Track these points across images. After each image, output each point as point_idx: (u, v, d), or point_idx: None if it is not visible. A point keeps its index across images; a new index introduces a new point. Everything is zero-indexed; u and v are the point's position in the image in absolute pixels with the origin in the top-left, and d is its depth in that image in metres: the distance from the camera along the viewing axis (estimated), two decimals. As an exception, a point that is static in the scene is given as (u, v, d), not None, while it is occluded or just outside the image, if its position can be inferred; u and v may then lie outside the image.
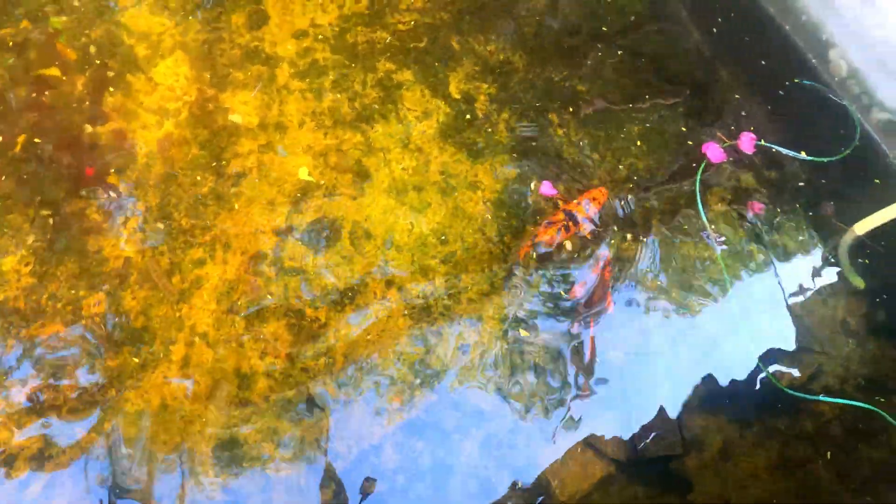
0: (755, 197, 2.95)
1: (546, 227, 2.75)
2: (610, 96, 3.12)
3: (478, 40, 3.17)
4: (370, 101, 2.93)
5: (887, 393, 2.65)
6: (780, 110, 3.13)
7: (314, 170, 2.76)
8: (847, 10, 2.91)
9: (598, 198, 2.82)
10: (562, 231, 2.74)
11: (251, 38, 2.98)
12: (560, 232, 2.74)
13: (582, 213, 2.79)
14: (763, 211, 2.92)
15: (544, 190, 2.87)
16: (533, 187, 2.87)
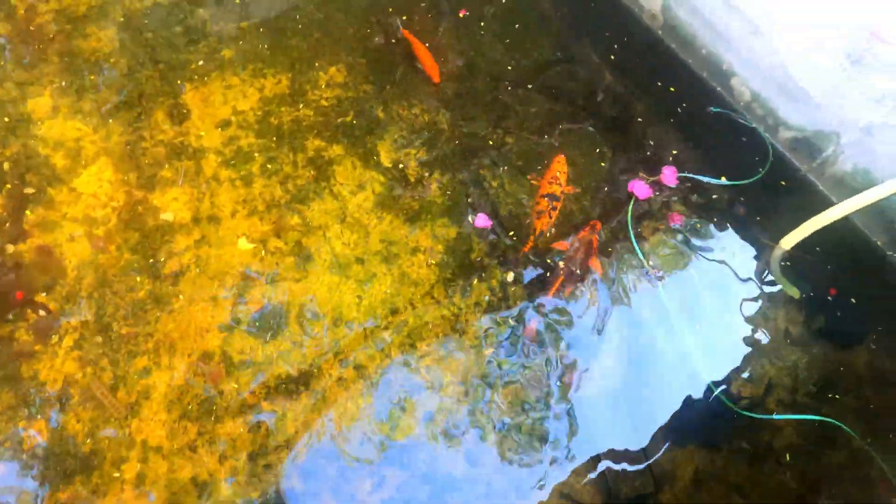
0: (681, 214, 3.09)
1: (539, 218, 2.91)
2: (534, 142, 3.23)
3: (402, 106, 3.23)
4: (303, 182, 2.94)
5: (837, 395, 2.76)
6: (696, 139, 3.29)
7: (253, 258, 2.74)
8: (740, 42, 3.11)
9: (559, 169, 3.02)
10: (552, 213, 2.94)
11: (174, 133, 2.96)
12: (551, 215, 2.93)
13: (556, 189, 2.97)
14: (683, 223, 3.05)
15: (479, 223, 2.96)
16: (470, 219, 2.96)
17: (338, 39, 3.38)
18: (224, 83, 3.12)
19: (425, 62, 3.26)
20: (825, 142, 2.97)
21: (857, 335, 2.91)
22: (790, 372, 2.81)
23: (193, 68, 3.14)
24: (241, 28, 3.30)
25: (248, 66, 3.19)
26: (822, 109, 2.89)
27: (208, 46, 3.22)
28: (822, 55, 2.79)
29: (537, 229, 2.91)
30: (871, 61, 2.61)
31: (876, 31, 2.58)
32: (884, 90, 2.63)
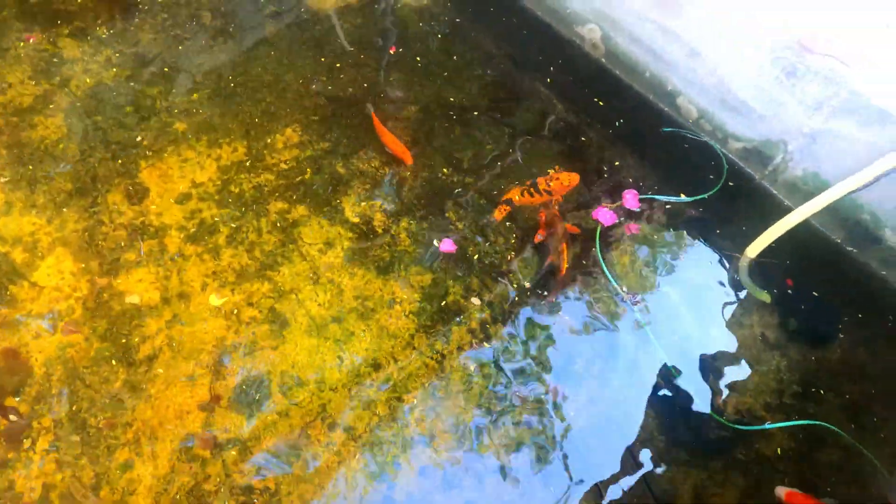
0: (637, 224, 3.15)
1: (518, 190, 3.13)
2: (494, 178, 3.27)
3: (360, 159, 3.25)
4: (270, 247, 2.92)
5: (821, 391, 2.81)
6: (653, 160, 3.38)
7: (228, 330, 2.69)
8: (680, 64, 3.23)
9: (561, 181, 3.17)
10: (525, 193, 3.10)
11: (134, 214, 2.92)
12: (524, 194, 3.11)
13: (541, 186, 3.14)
14: (639, 230, 3.11)
15: (444, 247, 3.00)
16: (435, 243, 3.00)
17: (290, 100, 3.40)
18: (180, 157, 3.10)
19: (394, 148, 3.22)
20: (774, 150, 3.09)
21: (828, 331, 2.98)
22: (773, 376, 2.85)
23: (147, 145, 3.11)
24: (191, 100, 3.29)
25: (202, 137, 3.18)
26: (766, 120, 3.01)
27: (160, 122, 3.20)
28: (758, 70, 2.92)
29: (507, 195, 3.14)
30: (803, 72, 2.73)
31: (803, 42, 2.70)
32: (819, 97, 2.75)
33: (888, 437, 2.71)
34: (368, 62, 3.61)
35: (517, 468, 2.54)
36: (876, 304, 3.04)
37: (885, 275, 3.00)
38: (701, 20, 2.98)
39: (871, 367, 2.90)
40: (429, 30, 3.82)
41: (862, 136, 2.69)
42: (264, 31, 3.65)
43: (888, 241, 2.88)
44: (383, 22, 3.81)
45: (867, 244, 2.98)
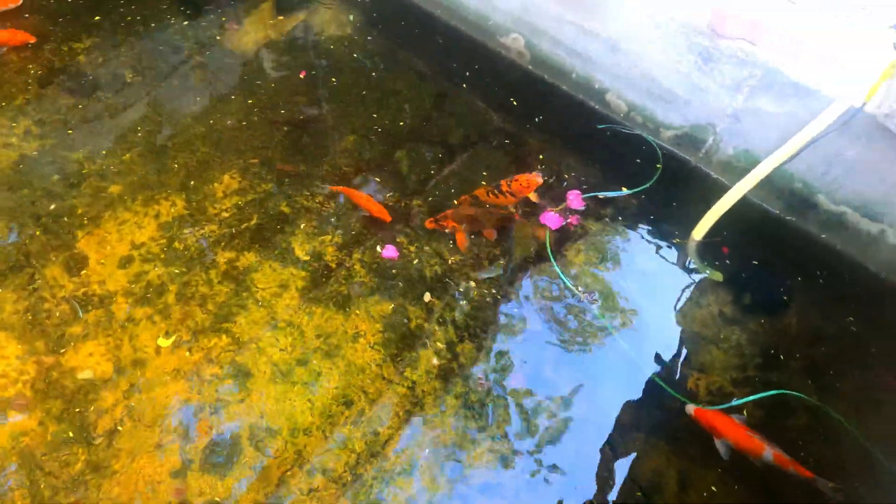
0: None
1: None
2: (441, 195, 3.28)
3: (304, 196, 3.22)
4: (223, 298, 2.85)
5: (782, 360, 2.89)
6: (592, 158, 3.45)
7: (191, 391, 2.61)
8: (604, 62, 3.31)
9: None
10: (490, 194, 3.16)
11: (75, 285, 2.81)
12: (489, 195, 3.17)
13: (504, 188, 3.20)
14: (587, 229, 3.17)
15: (387, 253, 3.03)
16: (378, 249, 3.03)
17: (224, 147, 3.34)
18: (117, 220, 3.01)
19: (370, 208, 3.11)
20: (704, 133, 3.18)
21: (781, 299, 3.08)
22: (736, 351, 2.92)
23: (81, 213, 3.01)
24: (123, 160, 3.20)
25: (138, 197, 3.09)
26: (692, 106, 3.11)
27: (91, 187, 3.10)
28: (676, 58, 3.01)
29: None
30: (718, 56, 2.84)
31: (714, 27, 2.80)
32: (736, 78, 2.85)
33: (847, 391, 2.81)
34: (299, 97, 3.59)
35: (503, 484, 2.52)
36: (820, 266, 3.15)
37: (825, 238, 3.12)
38: (616, 17, 3.07)
39: (824, 327, 3.00)
40: (356, 57, 3.81)
41: (782, 110, 2.80)
42: (190, 81, 3.59)
43: (823, 207, 3.00)
44: (308, 55, 3.80)
45: (804, 211, 3.09)
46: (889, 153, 2.62)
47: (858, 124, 2.59)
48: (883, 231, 2.87)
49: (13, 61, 3.51)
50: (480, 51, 3.83)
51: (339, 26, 3.97)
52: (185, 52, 3.72)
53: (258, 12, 3.99)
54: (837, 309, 3.05)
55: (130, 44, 3.70)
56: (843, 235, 3.04)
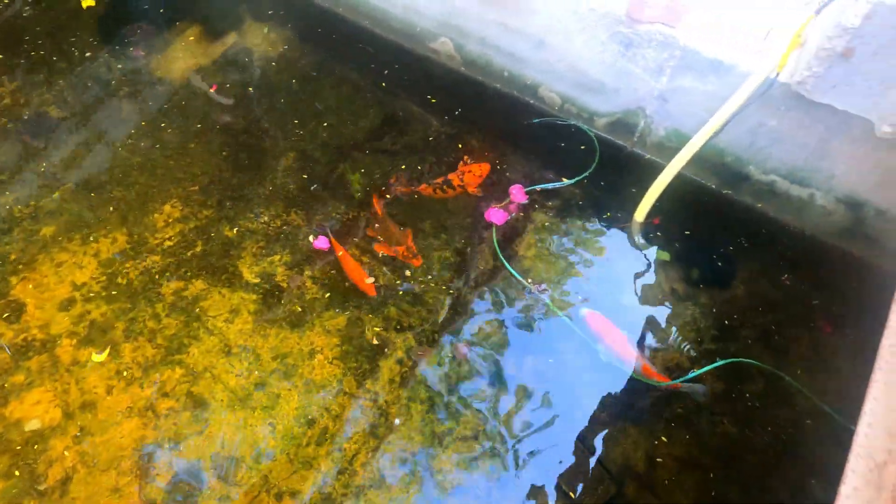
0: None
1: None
2: (387, 203, 3.28)
3: (248, 219, 3.17)
4: (173, 331, 2.78)
5: (736, 330, 2.97)
6: (531, 152, 3.49)
7: (146, 428, 2.53)
8: (531, 57, 3.36)
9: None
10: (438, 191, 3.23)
11: (14, 333, 2.71)
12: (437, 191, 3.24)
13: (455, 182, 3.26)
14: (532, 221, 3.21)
15: (318, 244, 3.07)
16: (311, 240, 3.08)
17: (162, 176, 3.28)
18: (53, 262, 2.92)
19: (358, 281, 2.96)
20: (635, 118, 3.26)
21: (728, 270, 3.16)
22: (691, 326, 2.98)
23: (14, 258, 2.91)
24: (54, 199, 3.11)
25: (74, 236, 3.00)
26: (620, 93, 3.18)
27: (24, 230, 3.00)
28: (600, 48, 3.08)
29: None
30: (639, 41, 2.91)
31: (631, 14, 2.88)
32: (658, 61, 2.93)
33: (799, 353, 2.90)
34: (236, 119, 3.55)
35: (474, 486, 2.52)
36: (761, 234, 3.24)
37: (761, 207, 3.22)
38: (537, 13, 3.11)
39: (771, 293, 3.09)
40: (291, 74, 3.79)
41: (704, 87, 2.88)
42: (121, 112, 3.51)
43: (755, 177, 3.10)
44: (242, 75, 3.76)
45: (738, 183, 3.18)
46: (805, 120, 2.72)
47: (775, 95, 2.69)
48: (812, 194, 2.98)
49: (-70, 110, 3.38)
50: (412, 57, 3.85)
51: (270, 45, 3.94)
52: (112, 84, 3.64)
53: (185, 38, 3.94)
54: (780, 274, 3.15)
55: (54, 82, 3.61)
56: (777, 203, 3.14)
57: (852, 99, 2.49)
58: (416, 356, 2.81)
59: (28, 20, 3.90)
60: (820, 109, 2.62)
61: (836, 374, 2.87)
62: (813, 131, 2.72)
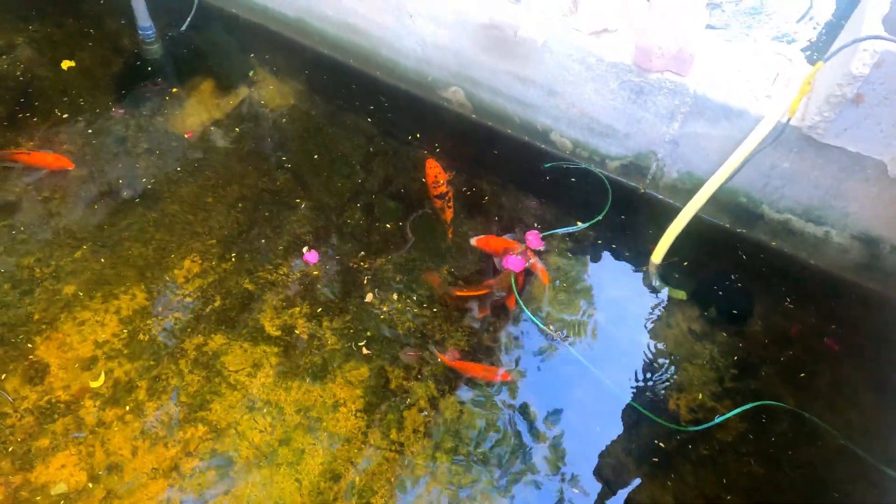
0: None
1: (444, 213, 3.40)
2: (404, 251, 3.30)
3: (267, 270, 3.19)
4: (195, 388, 2.78)
5: (756, 368, 2.97)
6: (544, 196, 3.54)
7: (172, 489, 2.51)
8: (542, 105, 3.44)
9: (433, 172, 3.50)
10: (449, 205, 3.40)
11: (38, 395, 2.70)
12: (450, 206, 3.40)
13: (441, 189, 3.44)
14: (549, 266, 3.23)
15: (308, 257, 3.20)
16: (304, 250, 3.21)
17: (180, 232, 3.30)
18: (76, 321, 2.92)
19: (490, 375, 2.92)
20: (647, 161, 3.32)
21: (745, 308, 3.18)
22: (710, 365, 2.99)
23: (37, 319, 2.91)
24: (75, 259, 3.13)
25: (95, 294, 3.01)
26: (632, 137, 3.24)
27: (45, 291, 3.01)
28: (610, 96, 3.16)
29: (448, 220, 3.39)
30: (649, 89, 2.98)
31: (639, 63, 2.96)
32: (669, 107, 3.00)
33: (820, 390, 2.91)
34: (252, 172, 3.59)
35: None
36: (777, 271, 3.28)
37: (776, 245, 3.26)
38: (547, 63, 3.20)
39: (789, 329, 3.10)
40: (304, 125, 3.85)
41: (715, 132, 2.95)
42: (137, 169, 3.55)
43: (769, 216, 3.14)
44: (256, 129, 3.82)
45: (752, 222, 3.23)
46: (818, 161, 2.78)
47: (788, 137, 2.75)
48: (827, 232, 3.02)
49: (-49, 172, 3.43)
50: (424, 105, 3.93)
51: (282, 97, 4.02)
52: (128, 141, 3.69)
53: (199, 93, 4.01)
54: (797, 309, 3.17)
55: (71, 140, 3.66)
56: (792, 240, 3.18)
57: (864, 142, 2.55)
58: (439, 406, 2.80)
59: (44, 79, 3.98)
60: (832, 151, 2.68)
61: (859, 410, 2.87)
62: (826, 172, 2.77)
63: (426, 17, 3.42)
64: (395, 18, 3.54)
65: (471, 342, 2.99)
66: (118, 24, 4.34)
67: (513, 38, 2.96)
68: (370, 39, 3.80)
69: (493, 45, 3.28)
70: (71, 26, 4.32)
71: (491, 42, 3.26)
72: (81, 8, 4.42)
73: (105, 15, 4.41)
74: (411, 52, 3.68)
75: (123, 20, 4.31)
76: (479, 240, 3.25)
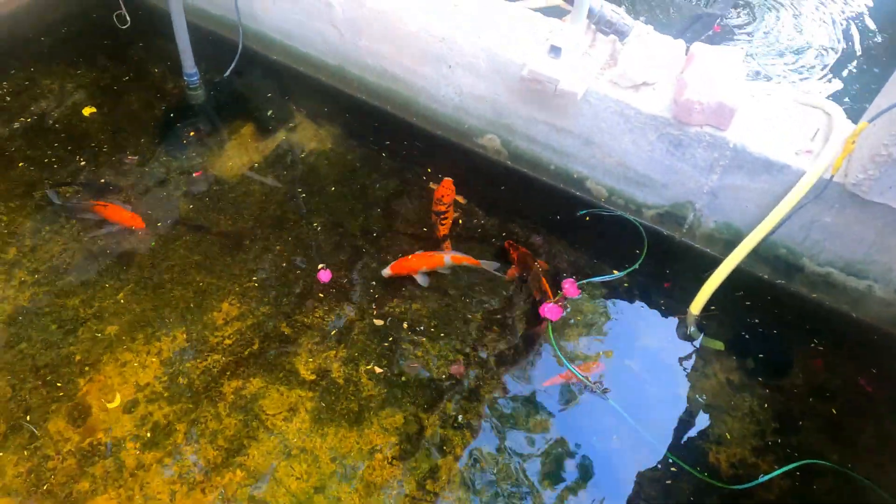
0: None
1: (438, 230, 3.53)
2: (440, 295, 3.32)
3: (304, 313, 3.22)
4: (233, 431, 2.79)
5: (798, 422, 2.91)
6: (579, 243, 3.56)
7: (208, 537, 2.51)
8: (579, 154, 3.48)
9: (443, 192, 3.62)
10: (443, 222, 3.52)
11: (80, 437, 2.73)
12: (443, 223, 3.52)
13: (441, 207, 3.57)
14: (585, 315, 3.22)
15: (321, 276, 3.34)
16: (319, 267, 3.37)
17: (220, 273, 3.36)
18: (118, 362, 2.97)
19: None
20: (684, 210, 3.33)
21: (784, 360, 3.14)
22: (750, 418, 2.94)
23: (80, 359, 2.96)
24: (118, 300, 3.19)
25: (137, 336, 3.06)
26: (669, 187, 3.26)
27: (89, 331, 3.07)
28: (648, 147, 3.19)
29: (439, 236, 3.52)
30: (688, 142, 3.01)
31: (679, 118, 2.99)
32: (708, 160, 3.02)
33: (865, 445, 2.84)
34: (289, 215, 3.66)
35: None
36: (815, 323, 3.24)
37: (816, 297, 3.22)
38: (585, 115, 3.25)
39: (830, 382, 3.05)
40: (341, 169, 3.93)
41: (755, 185, 2.96)
42: (178, 211, 3.64)
43: (809, 269, 3.12)
44: (293, 172, 3.91)
45: (791, 274, 3.20)
46: (861, 216, 2.77)
47: (830, 193, 2.75)
48: (870, 286, 2.99)
49: (0, 213, 3.54)
50: (459, 151, 4.00)
51: (319, 141, 4.11)
52: (170, 184, 3.79)
53: (239, 137, 4.12)
54: (839, 362, 3.12)
55: (115, 181, 3.77)
56: (833, 293, 3.15)
57: (910, 199, 2.55)
58: (475, 456, 2.78)
59: (91, 121, 4.12)
60: (877, 207, 2.67)
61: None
62: (870, 227, 2.76)
63: (465, 68, 3.51)
64: (435, 69, 3.64)
65: (507, 390, 2.98)
66: (163, 70, 4.51)
67: (552, 90, 3.01)
68: (409, 88, 3.89)
69: (531, 96, 3.34)
70: (117, 71, 4.49)
71: (529, 93, 3.32)
72: (127, 53, 4.60)
73: (150, 61, 4.58)
74: (449, 101, 3.76)
75: (168, 65, 4.49)
76: (393, 266, 3.32)
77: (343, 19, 3.83)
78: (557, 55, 3.03)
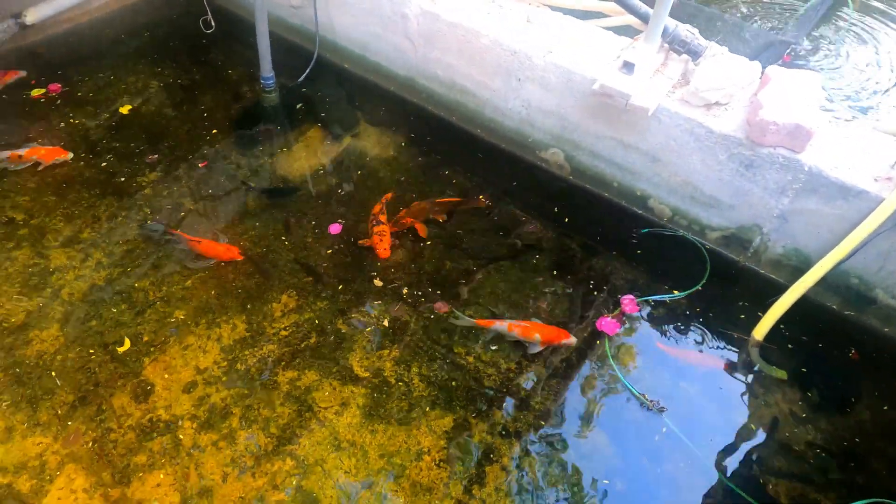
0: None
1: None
2: (494, 302, 3.32)
3: (360, 311, 3.28)
4: (285, 420, 2.84)
5: (864, 459, 2.77)
6: (639, 261, 3.52)
7: (257, 521, 2.54)
8: (645, 171, 3.46)
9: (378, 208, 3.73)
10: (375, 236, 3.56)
11: (141, 413, 2.83)
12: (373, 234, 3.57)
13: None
14: (644, 333, 3.16)
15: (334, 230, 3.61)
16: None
17: (281, 266, 3.46)
18: (181, 345, 3.07)
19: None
20: (751, 234, 3.25)
21: (851, 394, 3.00)
22: (812, 451, 2.81)
23: (147, 340, 3.09)
24: (185, 286, 3.32)
25: (200, 321, 3.17)
26: (736, 209, 3.20)
27: (157, 313, 3.20)
28: (718, 167, 3.15)
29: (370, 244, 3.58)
30: (760, 163, 2.96)
31: (752, 138, 2.95)
32: (780, 182, 2.96)
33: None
34: (349, 216, 3.74)
35: None
36: (885, 358, 3.09)
37: (887, 331, 3.08)
38: (654, 132, 3.24)
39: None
40: (401, 174, 4.02)
41: (829, 210, 2.87)
42: (244, 206, 3.78)
43: (882, 301, 2.99)
44: (355, 175, 4.00)
45: (863, 306, 3.08)
46: (944, 248, 2.66)
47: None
48: (949, 323, 2.86)
49: (84, 198, 3.74)
50: (521, 164, 4.03)
51: (382, 148, 4.21)
52: (238, 179, 3.95)
53: (307, 139, 4.27)
54: (911, 402, 2.97)
55: (189, 176, 3.95)
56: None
57: None
58: (522, 465, 2.74)
59: (171, 118, 4.34)
60: (961, 239, 2.56)
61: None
62: (952, 260, 2.65)
63: (535, 82, 3.55)
64: (504, 82, 3.70)
65: (558, 402, 2.94)
66: (240, 73, 4.72)
67: (623, 105, 3.02)
68: (476, 100, 3.96)
69: (600, 111, 3.36)
70: (198, 73, 4.73)
71: (598, 109, 3.34)
72: (209, 56, 4.84)
73: (229, 64, 4.82)
74: (515, 114, 3.80)
75: (245, 69, 4.70)
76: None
77: (417, 32, 3.94)
78: (630, 71, 3.04)
